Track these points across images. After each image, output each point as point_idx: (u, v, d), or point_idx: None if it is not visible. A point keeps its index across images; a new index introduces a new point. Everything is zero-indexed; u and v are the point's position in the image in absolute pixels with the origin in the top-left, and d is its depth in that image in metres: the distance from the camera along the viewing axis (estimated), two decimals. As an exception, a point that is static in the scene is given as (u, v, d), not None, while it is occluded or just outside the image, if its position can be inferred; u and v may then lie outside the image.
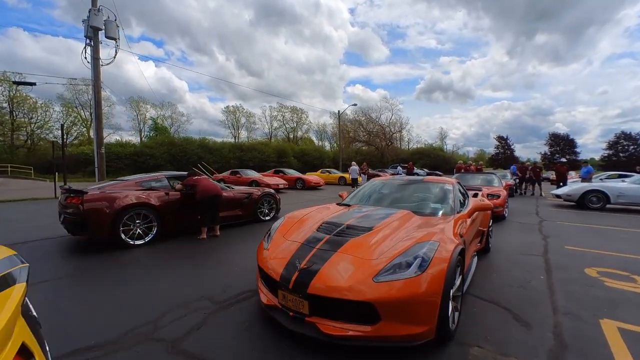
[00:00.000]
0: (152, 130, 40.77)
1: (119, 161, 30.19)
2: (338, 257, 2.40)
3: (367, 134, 41.99)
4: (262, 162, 37.88)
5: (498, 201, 7.49)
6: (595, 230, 6.78)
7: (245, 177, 14.09)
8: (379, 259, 2.30)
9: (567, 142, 55.69)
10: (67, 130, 38.55)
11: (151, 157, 31.81)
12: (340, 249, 2.48)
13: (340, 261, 2.35)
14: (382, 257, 2.31)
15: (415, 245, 2.37)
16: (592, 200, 10.09)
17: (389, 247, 2.43)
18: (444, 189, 3.94)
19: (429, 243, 2.38)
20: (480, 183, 9.15)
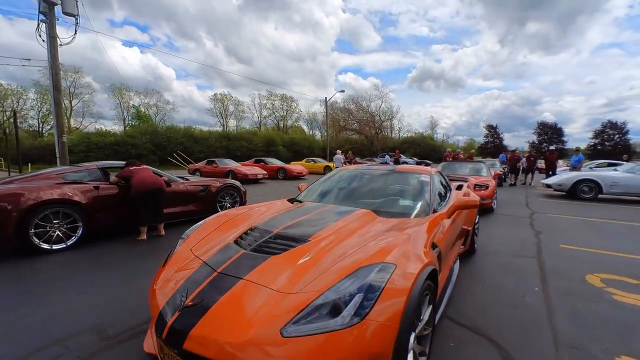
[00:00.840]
0: (135, 119, 39.04)
1: (99, 151, 28.71)
2: (242, 289, 1.57)
3: (357, 122, 40.94)
4: (250, 152, 36.67)
5: (486, 192, 6.76)
6: (590, 223, 6.11)
7: (222, 167, 13.12)
8: (302, 292, 1.48)
9: (555, 131, 55.73)
10: (43, 118, 36.71)
11: (133, 146, 30.34)
12: (249, 274, 1.65)
13: (244, 295, 1.53)
14: (306, 290, 1.49)
15: (358, 271, 1.55)
16: (584, 190, 9.47)
17: (320, 272, 1.61)
18: (420, 181, 3.12)
19: (378, 267, 1.56)
20: (468, 172, 8.42)
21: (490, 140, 58.75)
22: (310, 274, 1.59)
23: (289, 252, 1.83)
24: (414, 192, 2.99)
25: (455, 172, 8.44)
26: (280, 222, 2.34)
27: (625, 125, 51.65)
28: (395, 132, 57.97)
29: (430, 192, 2.88)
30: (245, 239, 2.10)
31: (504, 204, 8.47)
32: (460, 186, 4.18)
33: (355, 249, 1.80)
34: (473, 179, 7.55)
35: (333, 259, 1.72)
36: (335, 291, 1.45)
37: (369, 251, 1.74)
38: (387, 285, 1.46)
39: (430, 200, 2.77)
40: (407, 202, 2.85)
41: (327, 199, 3.15)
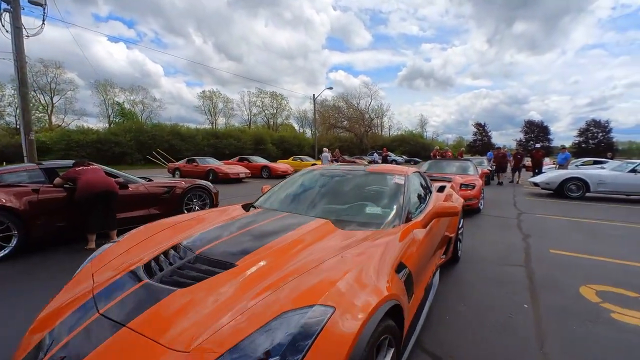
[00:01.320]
0: (118, 116, 37.81)
1: (80, 149, 27.63)
2: (119, 342, 1.10)
3: (347, 120, 40.53)
4: (239, 150, 35.96)
5: (472, 192, 6.40)
6: (580, 225, 5.80)
7: (202, 166, 12.50)
8: (197, 352, 1.02)
9: (542, 129, 56.32)
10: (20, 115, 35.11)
11: (116, 144, 29.41)
12: (135, 319, 1.18)
13: (119, 352, 1.06)
14: (204, 347, 1.03)
15: (278, 319, 1.09)
16: (572, 189, 9.24)
17: (233, 317, 1.14)
18: (393, 184, 2.67)
19: (308, 313, 1.10)
20: (455, 171, 8.07)
21: (479, 138, 59.01)
22: (218, 321, 1.13)
23: (202, 284, 1.35)
24: (384, 197, 2.55)
25: (442, 171, 8.09)
26: (212, 238, 1.87)
27: (608, 124, 52.54)
28: (386, 130, 57.86)
29: (404, 197, 2.44)
30: (159, 262, 1.62)
31: (491, 203, 8.15)
32: (443, 187, 3.76)
33: (288, 280, 1.33)
34: (459, 177, 7.20)
35: (255, 294, 1.25)
36: (242, 351, 0.99)
37: (303, 284, 1.28)
38: (318, 339, 1.01)
39: (404, 207, 2.34)
40: (375, 209, 2.40)
41: (285, 205, 2.68)
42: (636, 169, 8.82)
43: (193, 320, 1.14)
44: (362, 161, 24.45)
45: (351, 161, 25.13)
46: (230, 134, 36.95)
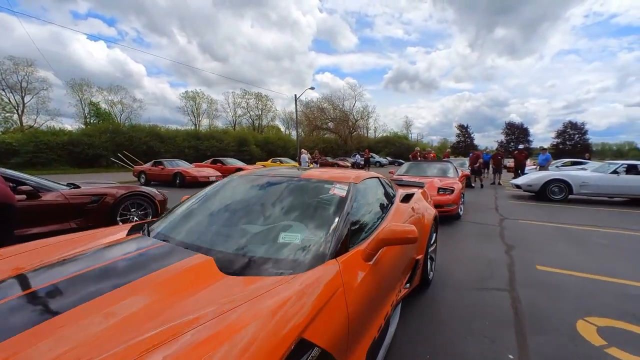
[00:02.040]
0: (93, 117, 35.98)
1: (50, 152, 26.01)
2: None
3: (331, 121, 39.92)
4: (221, 151, 34.81)
5: (451, 197, 5.77)
6: (567, 232, 5.25)
7: (169, 169, 11.51)
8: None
9: (522, 131, 57.29)
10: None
11: (90, 146, 27.83)
12: None
13: None
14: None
15: None
16: (554, 191, 8.80)
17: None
18: (330, 197, 1.93)
19: None
20: (434, 173, 7.45)
21: (462, 139, 59.60)
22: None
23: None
24: (315, 216, 1.82)
25: (420, 174, 7.46)
26: (50, 276, 1.13)
27: (584, 126, 53.89)
28: (371, 132, 57.65)
29: (342, 216, 1.70)
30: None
31: (472, 207, 7.58)
32: (409, 196, 3.03)
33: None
34: (438, 180, 6.59)
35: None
36: None
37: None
38: None
39: (337, 231, 1.59)
40: (293, 236, 1.63)
41: (181, 227, 1.90)
42: (617, 171, 8.46)
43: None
44: (345, 162, 23.89)
45: (333, 163, 24.54)
46: (212, 135, 35.74)
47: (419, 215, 2.73)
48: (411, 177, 7.21)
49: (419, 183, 4.00)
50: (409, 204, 2.75)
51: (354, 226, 1.73)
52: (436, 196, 5.80)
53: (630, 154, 71.95)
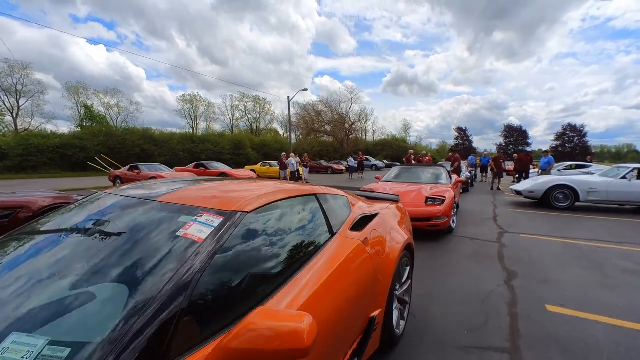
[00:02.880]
0: (86, 120, 35.22)
1: (41, 155, 25.29)
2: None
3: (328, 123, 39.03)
4: (217, 155, 34.04)
5: (441, 208, 4.88)
6: (579, 250, 4.34)
7: (145, 174, 10.66)
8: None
9: (521, 134, 56.38)
10: None
11: (82, 149, 27.11)
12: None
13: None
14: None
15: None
16: (559, 198, 7.89)
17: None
18: (177, 246, 1.02)
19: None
20: (426, 179, 6.54)
21: (461, 142, 58.69)
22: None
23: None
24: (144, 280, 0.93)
25: (410, 180, 6.58)
26: None
27: (583, 128, 52.94)
28: (370, 135, 56.80)
29: (178, 292, 0.82)
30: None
31: (467, 217, 6.68)
32: (369, 218, 2.13)
33: None
34: (428, 188, 5.70)
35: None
36: None
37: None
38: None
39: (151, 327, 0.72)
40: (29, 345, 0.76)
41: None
42: (627, 176, 7.56)
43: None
44: (339, 166, 23.01)
45: (327, 166, 23.65)
46: (207, 138, 34.97)
47: (377, 248, 1.84)
48: (399, 183, 6.33)
49: (393, 197, 3.10)
50: (363, 232, 1.85)
51: (213, 304, 0.85)
52: (424, 207, 4.91)
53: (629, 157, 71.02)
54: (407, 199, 5.18)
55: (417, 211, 4.84)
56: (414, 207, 4.92)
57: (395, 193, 5.45)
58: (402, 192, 5.38)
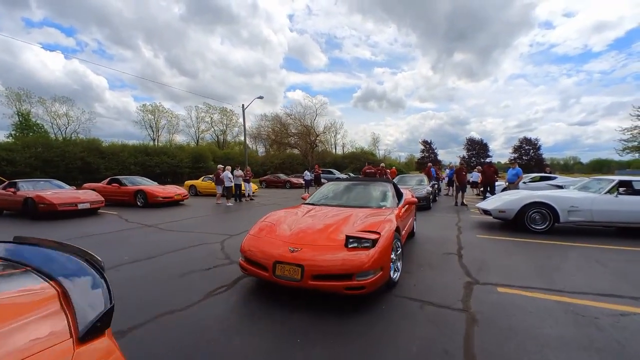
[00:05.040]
0: (21, 129, 30.74)
1: (-47, 168, 21.07)
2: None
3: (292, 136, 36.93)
4: (173, 168, 30.90)
5: (368, 255, 2.78)
6: (591, 322, 2.40)
7: (21, 193, 7.89)
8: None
9: (482, 146, 57.49)
10: None
11: (9, 163, 23.10)
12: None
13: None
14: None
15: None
16: (534, 219, 6.17)
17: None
18: None
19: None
20: (366, 201, 4.49)
21: (426, 155, 58.91)
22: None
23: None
24: None
25: (341, 202, 4.51)
26: None
27: (538, 142, 54.84)
28: (340, 148, 55.45)
29: None
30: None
31: (422, 251, 4.70)
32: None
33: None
34: (361, 215, 3.64)
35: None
36: None
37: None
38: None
39: None
40: None
41: None
42: (610, 191, 6.01)
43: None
44: (299, 180, 20.86)
45: (286, 180, 21.45)
46: (163, 150, 31.65)
47: None
48: (322, 207, 4.23)
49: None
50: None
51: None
52: (340, 254, 2.81)
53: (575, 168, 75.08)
54: (319, 238, 3.11)
55: (328, 262, 2.76)
56: (325, 254, 2.84)
57: (307, 228, 3.35)
58: (315, 228, 3.31)
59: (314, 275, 2.70)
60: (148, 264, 4.20)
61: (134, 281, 3.56)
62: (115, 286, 3.43)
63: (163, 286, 3.39)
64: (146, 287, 3.39)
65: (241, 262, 3.25)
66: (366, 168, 11.93)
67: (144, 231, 6.43)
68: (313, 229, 3.32)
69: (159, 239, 5.66)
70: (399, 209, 4.21)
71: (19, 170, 23.02)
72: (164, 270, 3.91)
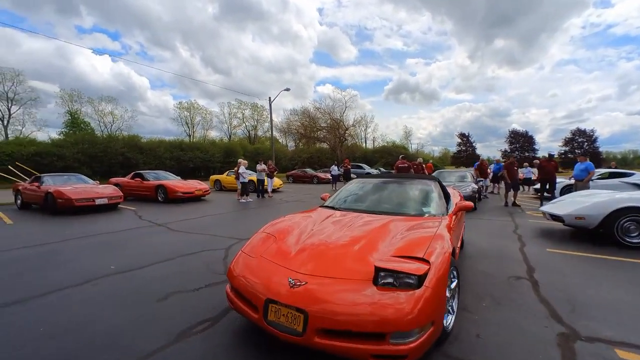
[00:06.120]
0: (70, 127, 32.98)
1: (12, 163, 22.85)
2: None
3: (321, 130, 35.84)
4: (206, 163, 31.45)
5: (405, 307, 1.71)
6: None
7: (43, 188, 7.76)
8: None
9: (527, 139, 52.38)
10: None
11: (59, 158, 24.66)
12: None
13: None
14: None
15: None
16: (628, 229, 4.62)
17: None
18: None
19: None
20: (405, 207, 3.33)
21: (463, 149, 54.96)
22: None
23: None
24: None
25: (373, 207, 3.40)
26: None
27: (594, 133, 48.82)
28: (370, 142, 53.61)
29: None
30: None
31: (478, 273, 3.50)
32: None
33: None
34: (398, 230, 2.54)
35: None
36: None
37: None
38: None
39: None
40: None
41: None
42: None
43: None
44: (327, 175, 19.86)
45: (312, 175, 20.54)
46: (196, 146, 32.32)
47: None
48: (345, 214, 3.17)
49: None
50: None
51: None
52: (369, 294, 1.77)
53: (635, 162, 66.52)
54: (335, 264, 2.10)
55: (346, 307, 1.73)
56: (342, 292, 1.82)
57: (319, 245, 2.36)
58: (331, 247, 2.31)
59: (324, 329, 1.70)
60: (132, 277, 3.46)
61: (103, 303, 2.80)
62: (82, 308, 2.60)
63: (133, 314, 2.59)
64: (113, 313, 2.60)
65: (228, 291, 2.34)
66: (399, 162, 10.53)
67: (150, 231, 5.83)
68: (328, 247, 2.30)
69: (161, 242, 4.99)
70: (449, 217, 3.03)
71: (68, 164, 24.51)
72: (146, 288, 3.13)
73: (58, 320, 2.48)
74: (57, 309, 2.68)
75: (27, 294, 2.99)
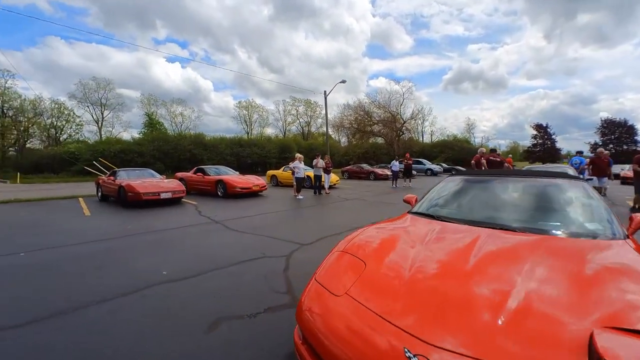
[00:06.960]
0: (146, 127, 36.86)
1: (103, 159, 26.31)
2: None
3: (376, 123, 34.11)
4: (263, 158, 32.43)
5: None
6: None
7: (118, 182, 8.10)
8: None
9: (626, 129, 43.18)
10: (59, 127, 36.01)
11: (139, 154, 27.58)
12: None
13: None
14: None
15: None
16: None
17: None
18: None
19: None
20: (553, 223, 2.23)
21: (540, 142, 47.52)
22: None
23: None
24: None
25: (494, 215, 2.33)
26: None
27: None
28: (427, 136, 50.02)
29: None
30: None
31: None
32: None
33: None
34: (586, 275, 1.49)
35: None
36: None
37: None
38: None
39: None
40: None
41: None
42: None
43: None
44: (384, 171, 18.52)
45: (369, 171, 19.32)
46: (254, 142, 33.55)
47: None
48: (458, 227, 2.16)
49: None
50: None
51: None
52: None
53: None
54: (487, 333, 1.11)
55: None
56: None
57: (442, 283, 1.39)
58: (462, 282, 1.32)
59: None
60: (182, 287, 2.94)
61: (144, 324, 2.27)
62: (121, 329, 2.13)
63: (173, 348, 1.98)
64: (151, 343, 2.03)
65: (296, 339, 1.56)
66: (489, 156, 8.61)
67: (208, 229, 5.50)
68: (459, 289, 1.35)
69: (217, 244, 4.55)
70: (633, 240, 1.84)
71: (146, 160, 27.32)
72: (195, 306, 2.55)
73: (92, 344, 1.98)
74: (95, 327, 2.23)
75: (71, 304, 2.64)
